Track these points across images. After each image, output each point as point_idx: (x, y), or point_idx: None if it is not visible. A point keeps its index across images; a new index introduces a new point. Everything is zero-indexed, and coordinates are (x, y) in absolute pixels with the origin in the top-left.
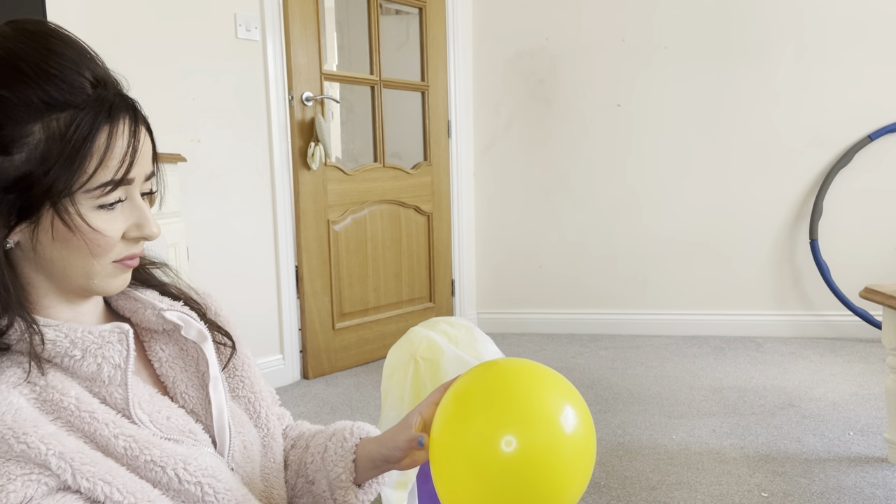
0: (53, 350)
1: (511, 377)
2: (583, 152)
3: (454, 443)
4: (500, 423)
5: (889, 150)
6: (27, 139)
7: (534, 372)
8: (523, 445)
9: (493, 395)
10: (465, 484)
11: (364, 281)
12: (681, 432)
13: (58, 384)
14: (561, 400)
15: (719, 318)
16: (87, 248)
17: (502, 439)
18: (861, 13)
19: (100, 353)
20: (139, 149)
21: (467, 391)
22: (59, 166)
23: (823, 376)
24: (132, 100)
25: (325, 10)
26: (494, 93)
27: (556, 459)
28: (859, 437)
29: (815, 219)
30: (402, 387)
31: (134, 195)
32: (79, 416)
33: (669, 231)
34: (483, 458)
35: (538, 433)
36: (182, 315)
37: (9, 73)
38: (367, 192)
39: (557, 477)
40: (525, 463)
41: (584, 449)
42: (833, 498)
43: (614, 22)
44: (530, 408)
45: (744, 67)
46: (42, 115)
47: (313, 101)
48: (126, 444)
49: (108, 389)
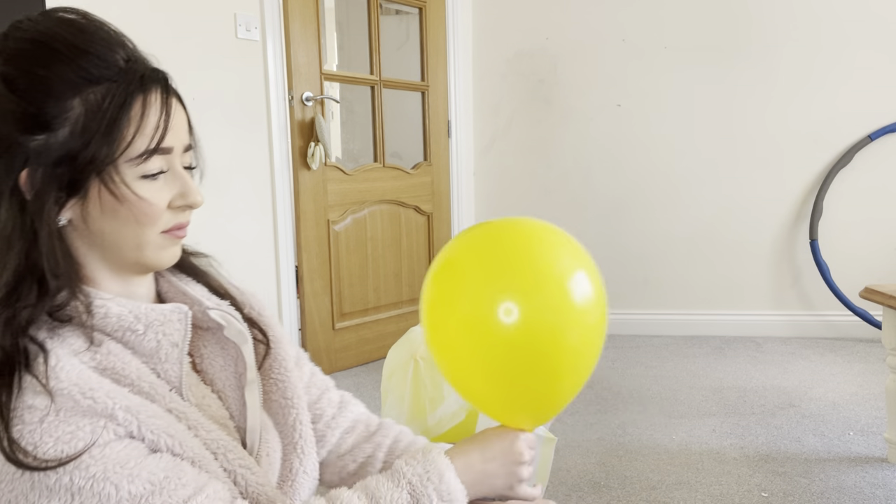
0: (117, 324)
1: (510, 234)
2: (583, 152)
3: (446, 311)
4: (497, 287)
5: (889, 150)
6: (68, 114)
7: (537, 229)
8: (526, 315)
9: (488, 256)
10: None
11: (364, 281)
12: (681, 432)
13: (118, 353)
14: (570, 262)
15: (719, 318)
16: (134, 218)
17: (500, 307)
18: (861, 13)
19: (161, 329)
20: (171, 115)
21: (459, 250)
22: (99, 136)
23: (823, 376)
24: (163, 72)
25: (325, 10)
26: (494, 93)
27: (564, 334)
28: (859, 437)
29: (815, 219)
30: (402, 387)
31: (175, 165)
32: (139, 385)
33: (669, 231)
34: (478, 329)
35: (543, 301)
36: (225, 315)
37: (45, 53)
38: (367, 192)
39: (565, 355)
40: (527, 336)
41: (596, 323)
42: (833, 498)
43: (614, 22)
44: (533, 270)
45: (744, 67)
46: (79, 90)
47: (313, 101)
48: (179, 417)
49: (163, 367)
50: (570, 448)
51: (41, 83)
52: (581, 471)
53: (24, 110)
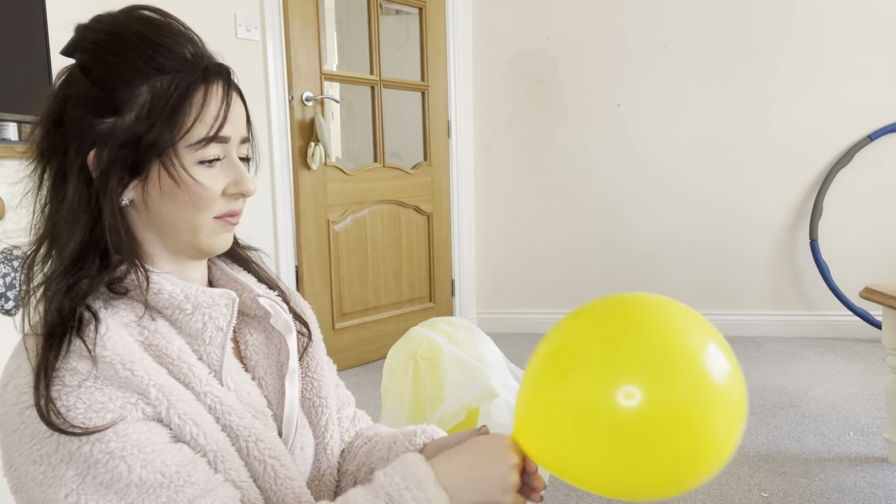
0: (168, 301)
1: (624, 314)
2: (583, 152)
3: (552, 404)
4: (614, 370)
5: (889, 150)
6: (135, 100)
7: (654, 305)
8: (653, 398)
9: (601, 339)
10: (574, 451)
11: (364, 281)
12: None
13: (164, 331)
14: (700, 337)
15: (719, 318)
16: (190, 202)
17: (619, 391)
18: (862, 13)
19: (208, 312)
20: (231, 106)
21: (560, 343)
22: (162, 121)
23: (823, 376)
24: (227, 67)
25: (325, 10)
26: (494, 93)
27: (701, 415)
28: (859, 437)
29: (815, 219)
30: (402, 387)
31: (231, 154)
32: (178, 365)
33: (669, 231)
34: (595, 414)
35: (673, 381)
36: (273, 304)
37: (118, 43)
38: (367, 192)
39: (701, 438)
40: (657, 420)
41: (736, 400)
42: (833, 498)
43: (615, 22)
44: (660, 348)
45: (744, 68)
46: (147, 78)
47: (313, 101)
48: (212, 403)
49: (206, 349)
50: None
51: (113, 70)
52: None
53: (96, 95)
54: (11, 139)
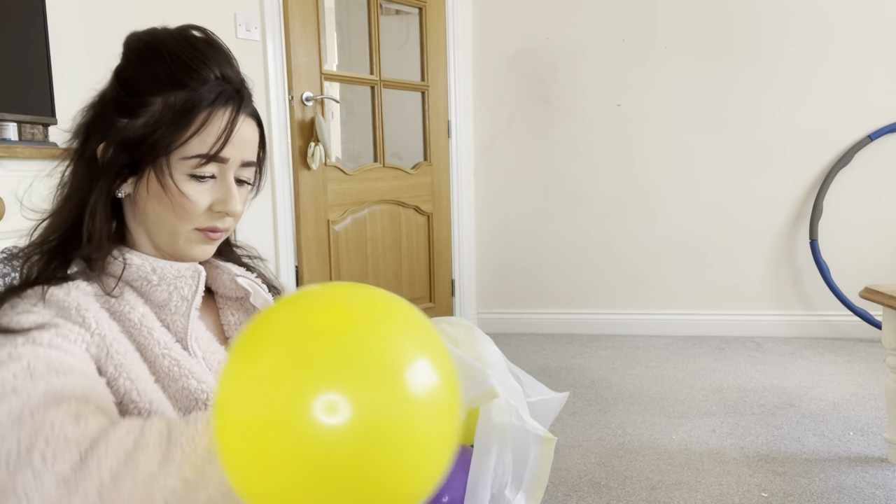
0: (136, 273)
1: (322, 307)
2: (583, 152)
3: (239, 413)
4: (314, 375)
5: (889, 150)
6: (150, 107)
7: (353, 298)
8: (360, 410)
9: (295, 337)
10: (257, 479)
11: (364, 281)
12: (681, 432)
13: (130, 300)
14: (406, 342)
15: (719, 318)
16: (173, 209)
17: (317, 399)
18: (862, 14)
19: (174, 283)
20: (234, 132)
21: (256, 333)
22: (163, 129)
23: (823, 376)
24: (245, 95)
25: (325, 10)
26: (494, 93)
27: (411, 432)
28: (859, 437)
29: (815, 219)
30: None
31: (227, 175)
32: (138, 329)
33: (669, 231)
34: (286, 434)
35: (379, 390)
36: (252, 284)
37: (151, 55)
38: (367, 192)
39: (413, 461)
40: (367, 437)
41: (446, 415)
42: (833, 498)
43: (614, 22)
44: (361, 353)
45: (744, 67)
46: (164, 90)
47: (313, 101)
48: (170, 365)
49: (172, 318)
50: (570, 448)
51: (138, 78)
52: (581, 471)
53: (119, 96)
54: (11, 139)
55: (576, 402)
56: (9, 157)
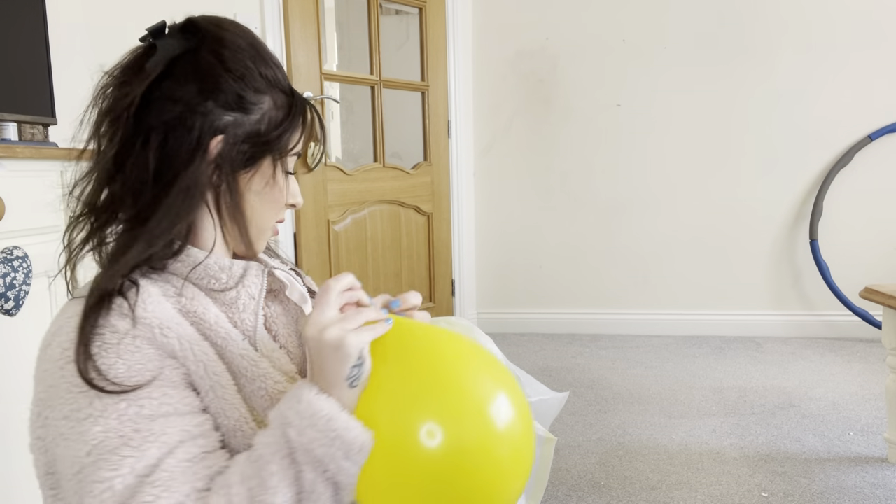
0: (204, 272)
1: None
2: (583, 152)
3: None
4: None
5: (889, 150)
6: (261, 105)
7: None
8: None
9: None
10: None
11: (364, 281)
12: (681, 432)
13: (202, 300)
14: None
15: (719, 318)
16: (273, 203)
17: (423, 427)
18: (862, 14)
19: (241, 281)
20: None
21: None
22: (285, 128)
23: (823, 376)
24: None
25: (325, 10)
26: (494, 93)
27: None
28: (859, 437)
29: (815, 219)
30: None
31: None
32: (215, 331)
33: (669, 231)
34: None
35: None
36: (288, 276)
37: (258, 55)
38: (367, 192)
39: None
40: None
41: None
42: (833, 498)
43: (615, 22)
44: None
45: (744, 68)
46: (271, 90)
47: (313, 101)
48: (248, 366)
49: (241, 316)
50: (570, 448)
51: (250, 74)
52: (581, 471)
53: (231, 90)
54: (11, 139)
55: (576, 402)
56: (9, 157)
